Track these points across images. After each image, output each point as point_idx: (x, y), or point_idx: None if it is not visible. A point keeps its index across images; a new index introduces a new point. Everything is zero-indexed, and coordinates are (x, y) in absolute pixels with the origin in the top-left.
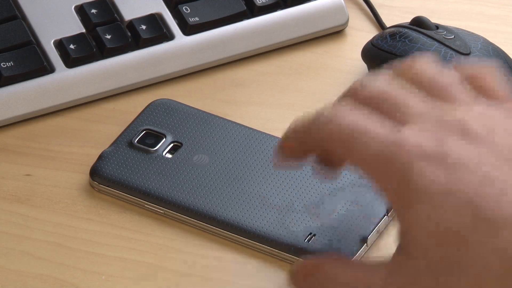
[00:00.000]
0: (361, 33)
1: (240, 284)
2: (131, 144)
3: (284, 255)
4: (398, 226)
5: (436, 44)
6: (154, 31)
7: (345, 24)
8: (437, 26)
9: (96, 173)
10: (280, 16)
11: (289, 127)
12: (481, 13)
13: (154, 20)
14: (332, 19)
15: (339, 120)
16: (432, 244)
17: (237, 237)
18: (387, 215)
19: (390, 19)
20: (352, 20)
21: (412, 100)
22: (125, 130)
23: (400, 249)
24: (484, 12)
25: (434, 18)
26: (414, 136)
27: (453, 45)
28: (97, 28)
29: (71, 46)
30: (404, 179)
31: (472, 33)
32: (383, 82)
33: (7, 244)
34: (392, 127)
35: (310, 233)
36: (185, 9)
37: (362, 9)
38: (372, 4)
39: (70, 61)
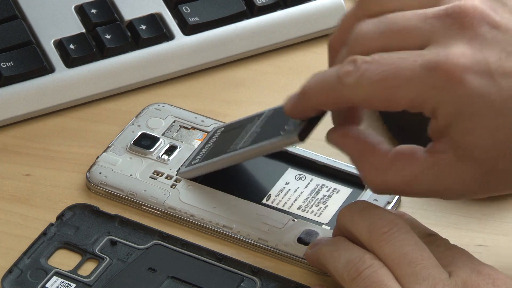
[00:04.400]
0: None
1: None
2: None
3: (282, 253)
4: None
5: None
6: (154, 31)
7: None
8: None
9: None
10: (280, 16)
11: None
12: None
13: (154, 20)
14: (332, 19)
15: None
16: None
17: (236, 237)
18: None
19: None
20: None
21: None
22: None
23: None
24: None
25: None
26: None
27: None
28: (97, 28)
29: (71, 46)
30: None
31: None
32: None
33: (7, 244)
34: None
35: None
36: (185, 9)
37: None
38: None
39: (70, 61)
